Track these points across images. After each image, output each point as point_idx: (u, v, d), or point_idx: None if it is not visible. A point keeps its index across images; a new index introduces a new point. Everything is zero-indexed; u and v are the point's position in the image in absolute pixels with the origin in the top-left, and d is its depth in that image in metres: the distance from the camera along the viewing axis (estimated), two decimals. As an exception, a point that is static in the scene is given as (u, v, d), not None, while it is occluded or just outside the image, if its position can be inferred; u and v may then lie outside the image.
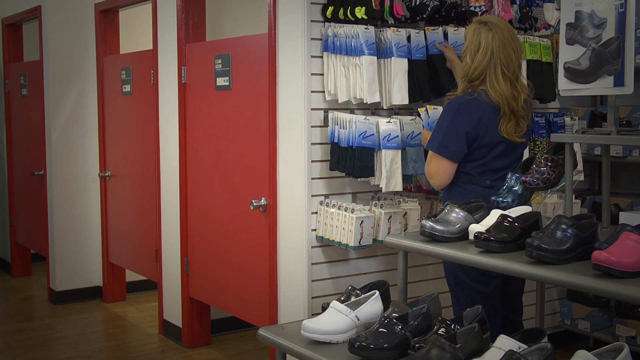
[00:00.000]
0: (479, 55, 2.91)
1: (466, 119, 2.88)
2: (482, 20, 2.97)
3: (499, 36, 2.92)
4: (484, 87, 2.93)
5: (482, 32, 2.92)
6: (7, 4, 6.51)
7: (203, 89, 4.21)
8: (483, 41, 2.91)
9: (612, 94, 2.84)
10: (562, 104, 4.32)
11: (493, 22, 2.95)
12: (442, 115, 2.96)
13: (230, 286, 4.09)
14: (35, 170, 5.93)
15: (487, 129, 2.90)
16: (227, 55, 3.96)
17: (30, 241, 6.43)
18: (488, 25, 2.93)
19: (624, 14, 2.70)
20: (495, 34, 2.91)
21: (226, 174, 4.06)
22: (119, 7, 5.36)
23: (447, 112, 2.93)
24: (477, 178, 2.95)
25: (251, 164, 3.82)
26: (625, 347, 1.95)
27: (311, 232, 3.45)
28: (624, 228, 2.14)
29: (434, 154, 2.93)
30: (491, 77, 2.91)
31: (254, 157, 3.79)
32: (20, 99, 6.36)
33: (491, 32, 2.92)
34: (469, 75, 2.94)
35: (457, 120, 2.89)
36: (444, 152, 2.90)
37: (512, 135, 2.93)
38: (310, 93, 3.40)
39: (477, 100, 2.90)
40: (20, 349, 4.65)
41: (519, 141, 2.97)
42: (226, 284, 4.12)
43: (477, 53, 2.91)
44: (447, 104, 2.98)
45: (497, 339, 2.12)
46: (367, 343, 2.15)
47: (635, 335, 3.91)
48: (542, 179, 2.82)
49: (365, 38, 3.27)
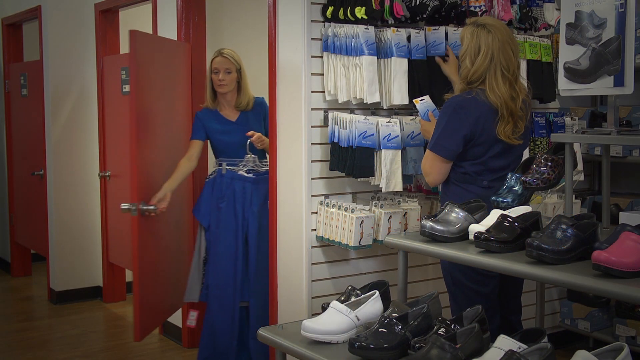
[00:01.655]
0: (480, 59, 2.90)
1: (463, 118, 2.88)
2: (479, 23, 2.96)
3: (499, 38, 2.91)
4: (482, 86, 2.93)
5: (482, 34, 2.91)
6: (7, 4, 6.51)
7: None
8: (483, 44, 2.90)
9: (612, 94, 2.84)
10: (562, 104, 4.32)
11: (491, 24, 2.94)
12: (441, 114, 2.96)
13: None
14: (35, 170, 5.93)
15: (484, 128, 2.90)
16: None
17: (30, 241, 6.43)
18: (487, 28, 2.92)
19: (624, 14, 2.70)
20: (495, 36, 2.90)
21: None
22: (119, 7, 5.35)
23: (445, 111, 2.93)
24: (474, 178, 2.94)
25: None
26: (625, 347, 1.95)
27: (311, 232, 3.45)
28: (624, 228, 2.14)
29: (429, 152, 2.95)
30: (491, 80, 2.90)
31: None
32: (20, 99, 6.36)
33: (490, 35, 2.90)
34: (469, 78, 2.94)
35: (454, 119, 2.88)
36: (438, 150, 2.91)
37: (510, 137, 2.92)
38: (310, 93, 3.40)
39: (474, 99, 2.89)
40: (20, 349, 4.65)
41: (516, 143, 2.96)
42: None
43: (478, 56, 2.90)
44: (445, 102, 2.97)
45: (497, 339, 2.12)
46: (367, 343, 2.15)
47: (635, 335, 3.91)
48: (542, 179, 2.82)
49: (365, 38, 3.27)
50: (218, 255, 3.89)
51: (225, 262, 3.87)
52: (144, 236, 3.72)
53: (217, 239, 3.89)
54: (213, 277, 3.90)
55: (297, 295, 3.51)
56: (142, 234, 3.69)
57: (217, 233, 3.89)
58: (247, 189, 3.88)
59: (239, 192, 3.87)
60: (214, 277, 3.89)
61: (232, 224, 3.87)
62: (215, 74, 3.94)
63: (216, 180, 3.90)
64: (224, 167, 3.90)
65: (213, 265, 3.90)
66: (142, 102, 3.69)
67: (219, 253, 3.88)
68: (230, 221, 3.87)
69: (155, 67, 3.92)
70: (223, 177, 3.89)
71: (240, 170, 3.89)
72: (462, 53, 2.96)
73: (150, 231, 3.80)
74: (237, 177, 3.88)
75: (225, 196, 3.87)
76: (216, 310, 3.90)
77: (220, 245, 3.88)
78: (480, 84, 2.92)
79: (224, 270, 3.87)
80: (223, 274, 3.87)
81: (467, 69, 2.94)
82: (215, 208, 3.88)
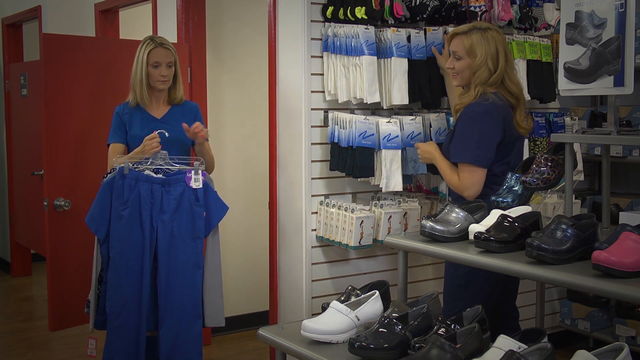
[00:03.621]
0: (501, 60, 2.94)
1: (494, 123, 2.89)
2: (482, 27, 2.98)
3: (503, 36, 2.99)
4: (494, 89, 2.95)
5: (495, 36, 2.96)
6: (7, 4, 6.51)
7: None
8: (500, 46, 2.95)
9: (612, 94, 2.84)
10: (562, 104, 4.32)
11: (491, 26, 3.01)
12: (467, 124, 2.91)
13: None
14: (35, 170, 5.93)
15: (509, 128, 2.95)
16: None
17: (30, 241, 6.43)
18: (493, 29, 2.98)
19: (624, 14, 2.70)
20: (501, 35, 2.98)
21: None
22: (119, 7, 5.35)
23: (472, 120, 2.90)
24: (501, 178, 2.94)
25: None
26: (625, 347, 1.95)
27: (311, 232, 3.45)
28: (624, 228, 2.14)
29: (466, 165, 2.89)
30: (509, 75, 2.97)
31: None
32: (20, 99, 6.35)
33: (499, 34, 2.98)
34: (491, 81, 2.94)
35: (486, 126, 2.89)
36: (478, 161, 2.88)
37: (525, 127, 3.01)
38: (310, 93, 3.40)
39: (494, 104, 2.91)
40: (20, 349, 4.65)
41: (526, 133, 3.05)
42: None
43: (498, 58, 2.94)
44: (467, 112, 2.93)
45: (497, 339, 2.12)
46: (367, 343, 2.15)
47: (635, 335, 3.91)
48: (542, 179, 2.82)
49: (365, 38, 3.27)
50: (119, 275, 3.16)
51: (128, 284, 3.16)
52: (58, 231, 3.87)
53: (118, 255, 3.16)
54: (112, 303, 3.17)
55: (297, 295, 3.51)
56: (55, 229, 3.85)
57: (118, 248, 3.16)
58: (156, 192, 3.15)
59: (146, 197, 3.15)
60: (114, 302, 3.17)
61: (136, 236, 3.15)
62: (154, 68, 3.34)
63: (116, 182, 3.15)
64: (125, 166, 3.15)
65: (112, 289, 3.17)
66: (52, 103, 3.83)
67: (120, 273, 3.16)
68: (135, 233, 3.15)
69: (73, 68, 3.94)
70: (125, 177, 3.14)
71: (147, 170, 3.19)
72: (480, 60, 2.93)
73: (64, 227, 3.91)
74: (143, 178, 3.15)
75: (128, 201, 3.14)
76: (117, 344, 3.19)
77: (121, 263, 3.16)
78: (497, 84, 2.96)
79: (126, 294, 3.16)
80: (125, 298, 3.16)
81: (489, 73, 2.94)
82: (115, 216, 3.15)
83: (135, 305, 3.17)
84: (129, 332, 3.18)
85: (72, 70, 3.87)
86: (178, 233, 3.17)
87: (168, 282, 3.18)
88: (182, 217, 3.17)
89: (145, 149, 3.20)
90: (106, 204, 3.17)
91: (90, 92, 3.98)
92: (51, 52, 3.79)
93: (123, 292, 3.16)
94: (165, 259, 3.17)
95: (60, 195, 3.84)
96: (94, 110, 4.00)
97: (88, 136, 3.98)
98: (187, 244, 3.18)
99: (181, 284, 3.18)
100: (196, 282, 3.22)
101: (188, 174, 3.19)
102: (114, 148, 3.38)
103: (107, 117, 3.52)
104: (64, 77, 3.85)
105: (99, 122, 3.93)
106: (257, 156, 4.79)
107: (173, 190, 3.17)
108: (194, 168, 3.19)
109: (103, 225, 3.17)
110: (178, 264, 3.18)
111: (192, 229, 3.19)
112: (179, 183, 3.17)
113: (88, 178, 3.87)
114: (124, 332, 3.18)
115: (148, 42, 3.36)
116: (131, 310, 3.17)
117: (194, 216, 3.19)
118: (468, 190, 2.90)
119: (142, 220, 3.16)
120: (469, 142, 2.88)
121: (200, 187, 3.18)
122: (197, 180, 3.19)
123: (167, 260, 3.17)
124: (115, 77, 4.04)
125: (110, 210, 3.16)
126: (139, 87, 3.35)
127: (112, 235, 3.17)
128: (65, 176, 3.89)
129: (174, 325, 3.19)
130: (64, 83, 3.85)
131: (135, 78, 3.36)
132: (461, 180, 2.91)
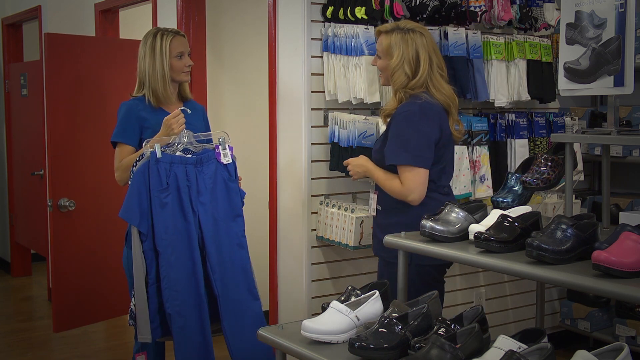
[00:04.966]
0: (422, 64, 2.78)
1: (430, 123, 2.75)
2: (407, 27, 2.81)
3: (429, 39, 2.82)
4: (423, 89, 2.81)
5: (416, 39, 2.78)
6: (7, 4, 6.51)
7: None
8: (420, 48, 2.78)
9: (612, 94, 2.84)
10: (562, 104, 4.33)
11: (416, 27, 2.83)
12: (402, 124, 2.75)
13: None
14: (35, 170, 5.93)
15: (445, 129, 2.81)
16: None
17: (30, 241, 6.43)
18: (417, 31, 2.80)
19: (624, 14, 2.70)
20: (426, 38, 2.81)
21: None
22: (119, 7, 5.35)
23: (407, 120, 2.74)
24: (437, 184, 2.84)
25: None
26: (625, 347, 1.95)
27: (311, 232, 3.45)
28: (624, 228, 2.14)
29: (406, 167, 2.73)
30: (433, 81, 2.81)
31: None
32: (20, 99, 6.36)
33: (423, 37, 2.80)
34: (410, 86, 2.79)
35: (423, 125, 2.73)
36: (420, 162, 2.72)
37: (460, 133, 2.91)
38: (310, 93, 3.40)
39: (428, 102, 2.77)
40: (20, 349, 4.65)
41: (460, 140, 2.98)
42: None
43: (419, 62, 2.78)
44: (401, 112, 2.77)
45: (497, 339, 2.12)
46: (367, 343, 2.15)
47: (635, 335, 3.91)
48: (542, 179, 2.82)
49: (365, 38, 3.27)
50: (175, 270, 2.91)
51: (185, 279, 2.92)
52: (63, 231, 3.88)
53: (169, 249, 2.90)
54: (173, 302, 2.91)
55: (297, 295, 3.51)
56: (60, 229, 3.86)
57: (167, 240, 2.89)
58: (191, 173, 2.93)
59: (182, 180, 2.91)
60: (175, 301, 2.91)
61: (180, 224, 2.92)
62: (178, 59, 3.10)
63: (151, 168, 2.87)
64: (157, 149, 2.88)
65: (170, 287, 2.90)
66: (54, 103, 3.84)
67: (175, 267, 2.90)
68: (179, 221, 2.92)
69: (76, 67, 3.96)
70: (159, 162, 2.88)
71: (177, 151, 2.96)
72: (396, 62, 2.77)
73: (69, 227, 3.92)
74: (177, 160, 2.91)
75: (169, 187, 2.90)
76: (187, 345, 2.97)
77: (173, 257, 2.90)
78: (421, 89, 2.81)
79: (184, 291, 2.92)
80: (184, 296, 2.92)
81: (407, 77, 2.78)
82: (157, 204, 2.88)
83: (195, 301, 2.94)
84: (196, 331, 2.97)
85: (74, 69, 3.88)
86: (219, 216, 2.98)
87: (222, 271, 2.98)
88: (219, 197, 2.98)
89: (173, 127, 2.94)
90: (143, 193, 2.88)
91: (92, 91, 3.99)
92: (53, 51, 3.79)
93: (181, 288, 2.91)
94: (213, 248, 2.96)
95: (64, 195, 3.84)
96: (96, 110, 4.00)
97: (90, 135, 3.99)
98: (230, 225, 3.01)
99: (234, 271, 3.00)
100: (245, 264, 3.06)
101: (217, 150, 2.99)
102: (122, 150, 3.09)
103: (108, 117, 3.52)
104: (65, 76, 3.86)
105: (101, 121, 3.93)
106: (257, 156, 4.79)
107: (206, 169, 2.96)
108: (221, 142, 3.01)
109: (144, 216, 2.88)
110: (225, 249, 2.99)
111: (231, 208, 3.02)
112: (211, 161, 2.97)
113: (92, 178, 3.88)
114: (192, 331, 2.96)
115: (165, 33, 3.10)
116: (192, 307, 2.94)
117: (230, 193, 3.02)
118: (412, 194, 2.73)
119: (184, 206, 2.92)
120: (406, 143, 2.71)
121: (230, 162, 3.02)
122: (226, 155, 3.00)
123: (216, 248, 2.97)
124: (115, 77, 4.04)
125: (150, 200, 2.88)
126: (162, 82, 3.07)
127: (158, 226, 2.88)
128: (69, 176, 3.89)
129: (238, 317, 3.04)
130: (65, 82, 3.86)
131: (155, 73, 3.06)
132: (404, 183, 2.73)
